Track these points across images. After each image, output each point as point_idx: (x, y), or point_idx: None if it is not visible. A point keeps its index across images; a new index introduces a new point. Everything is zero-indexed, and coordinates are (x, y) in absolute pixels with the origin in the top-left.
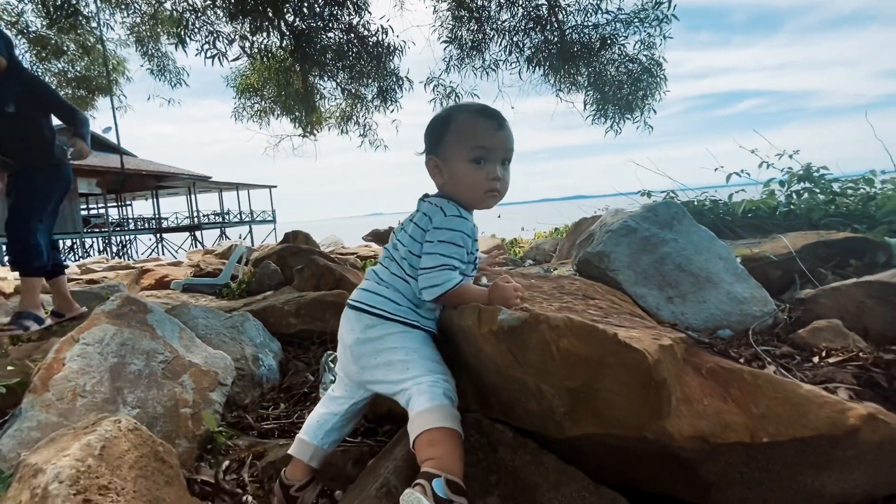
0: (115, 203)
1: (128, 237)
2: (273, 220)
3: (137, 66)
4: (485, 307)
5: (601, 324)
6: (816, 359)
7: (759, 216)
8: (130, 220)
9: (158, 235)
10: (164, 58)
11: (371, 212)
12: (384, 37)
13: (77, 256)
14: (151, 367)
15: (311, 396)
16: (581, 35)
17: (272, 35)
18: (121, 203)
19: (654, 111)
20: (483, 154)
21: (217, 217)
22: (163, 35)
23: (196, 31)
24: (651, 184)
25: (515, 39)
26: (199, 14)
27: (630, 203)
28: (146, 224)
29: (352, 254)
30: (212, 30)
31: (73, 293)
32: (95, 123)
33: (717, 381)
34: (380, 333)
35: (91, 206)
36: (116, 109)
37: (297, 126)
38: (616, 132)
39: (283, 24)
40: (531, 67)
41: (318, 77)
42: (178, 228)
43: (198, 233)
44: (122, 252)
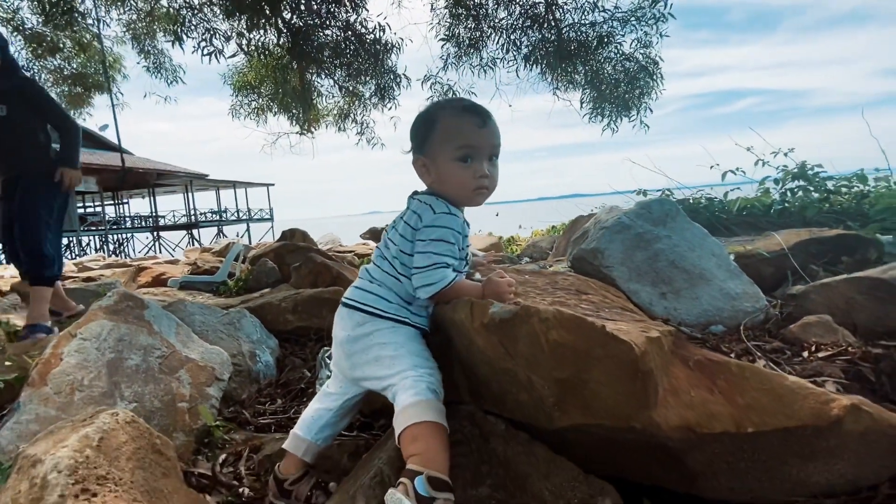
0: (112, 201)
1: (125, 235)
2: (270, 219)
3: (134, 64)
4: (477, 301)
5: (591, 317)
6: (806, 353)
7: (754, 214)
8: (127, 218)
9: (155, 233)
10: (161, 55)
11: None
12: (382, 34)
13: (74, 254)
14: (148, 363)
15: (308, 392)
16: (578, 33)
17: (269, 32)
18: (118, 201)
19: (651, 110)
20: (469, 152)
21: (214, 215)
22: (159, 32)
23: (193, 29)
24: (648, 182)
25: (513, 37)
26: (196, 11)
27: (627, 202)
28: (143, 222)
29: (349, 251)
30: (208, 27)
31: (70, 291)
32: (92, 121)
33: (705, 373)
34: (369, 330)
35: (88, 205)
36: (111, 107)
37: (295, 123)
38: (613, 131)
39: (281, 21)
40: (528, 65)
41: (316, 74)
42: (176, 226)
43: (195, 231)
44: (119, 250)
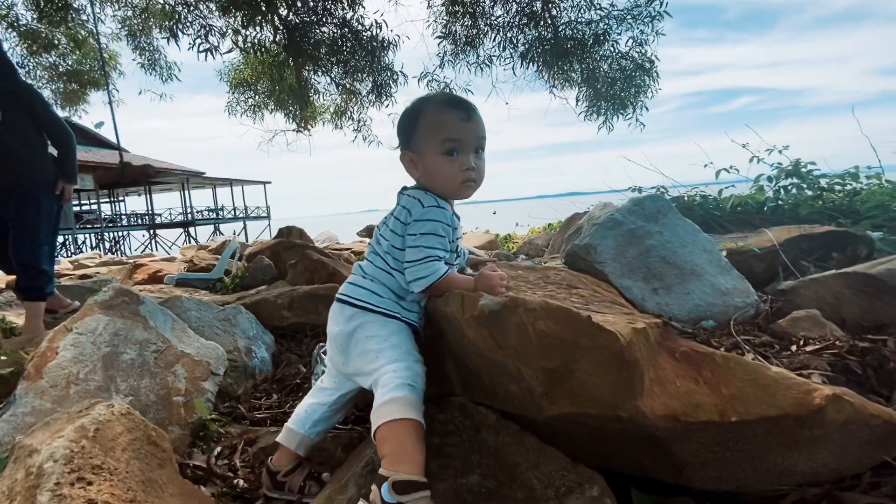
0: (108, 199)
1: (121, 233)
2: (267, 217)
3: (129, 61)
4: (468, 294)
5: (579, 309)
6: (794, 347)
7: (748, 211)
8: (123, 217)
9: (152, 231)
10: (156, 52)
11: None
12: (378, 31)
13: (69, 253)
14: (144, 357)
15: (304, 387)
16: (574, 31)
17: (265, 29)
18: (113, 199)
19: (647, 108)
20: (455, 146)
21: (211, 213)
22: (155, 29)
23: (188, 25)
24: (644, 180)
25: (509, 35)
26: (192, 7)
27: (623, 200)
28: (139, 220)
29: (346, 249)
30: (204, 23)
31: (66, 288)
32: (87, 118)
33: (690, 364)
34: (359, 323)
35: (83, 202)
36: (108, 104)
37: (291, 121)
38: (608, 129)
39: (277, 19)
40: (525, 63)
41: (312, 72)
42: (172, 224)
43: (191, 229)
44: (115, 248)
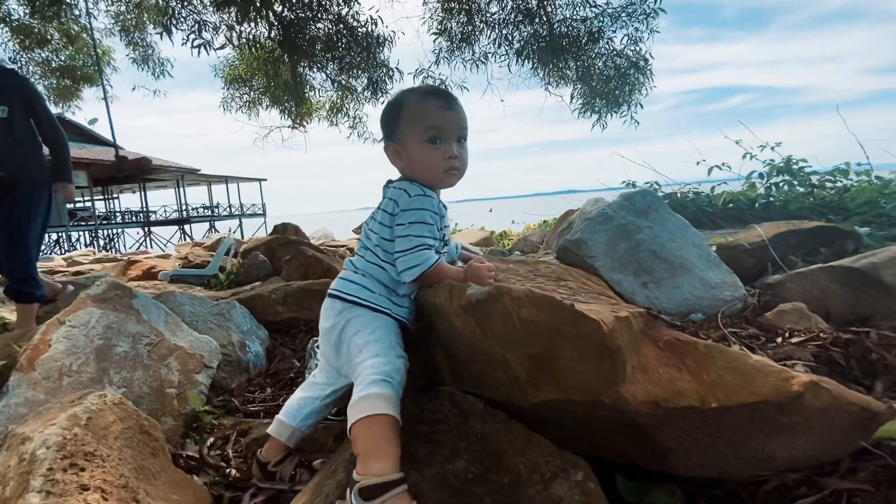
0: (102, 196)
1: (115, 230)
2: (263, 214)
3: (123, 56)
4: (456, 284)
5: (565, 299)
6: (780, 339)
7: (739, 207)
8: (118, 214)
9: (146, 229)
10: (149, 47)
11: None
12: (374, 28)
13: (63, 250)
14: (137, 350)
15: (298, 381)
16: (570, 28)
17: (260, 25)
18: (108, 196)
19: (641, 105)
20: (437, 133)
21: (206, 210)
22: (149, 24)
23: (182, 20)
24: (639, 178)
25: (505, 32)
26: (186, 2)
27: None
28: (134, 217)
29: (342, 246)
30: (198, 19)
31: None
32: (80, 115)
33: (673, 353)
34: (347, 317)
35: (77, 199)
36: (102, 100)
37: (287, 117)
38: (602, 126)
39: (272, 14)
40: (520, 60)
41: (308, 68)
42: (167, 222)
43: (187, 226)
44: (110, 246)
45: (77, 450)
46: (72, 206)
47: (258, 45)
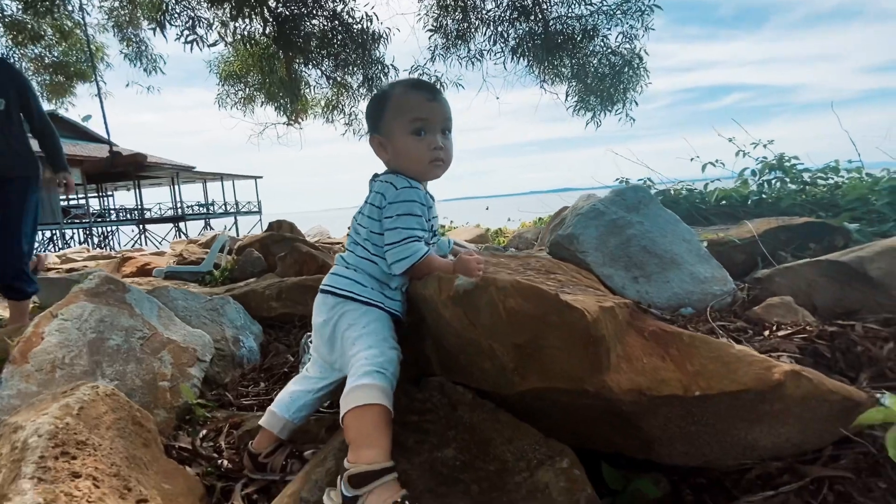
0: (97, 194)
1: (110, 228)
2: (259, 212)
3: (116, 52)
4: (445, 276)
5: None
6: (767, 332)
7: (732, 204)
8: (112, 211)
9: (141, 226)
10: (141, 43)
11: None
12: (369, 24)
13: (57, 248)
14: (130, 343)
15: (291, 376)
16: (565, 26)
17: (255, 21)
18: (102, 194)
19: (636, 103)
20: (422, 125)
21: (201, 208)
22: (142, 20)
23: (176, 16)
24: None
25: (500, 29)
26: None
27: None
28: (128, 215)
29: (337, 243)
30: (192, 14)
31: (52, 280)
32: (74, 111)
33: (658, 343)
34: (340, 312)
35: (71, 197)
36: (96, 96)
37: (282, 114)
38: (597, 124)
39: (266, 10)
40: (515, 58)
41: (303, 64)
42: (162, 219)
43: (182, 224)
44: (104, 243)
45: (69, 438)
46: (65, 204)
47: (253, 42)
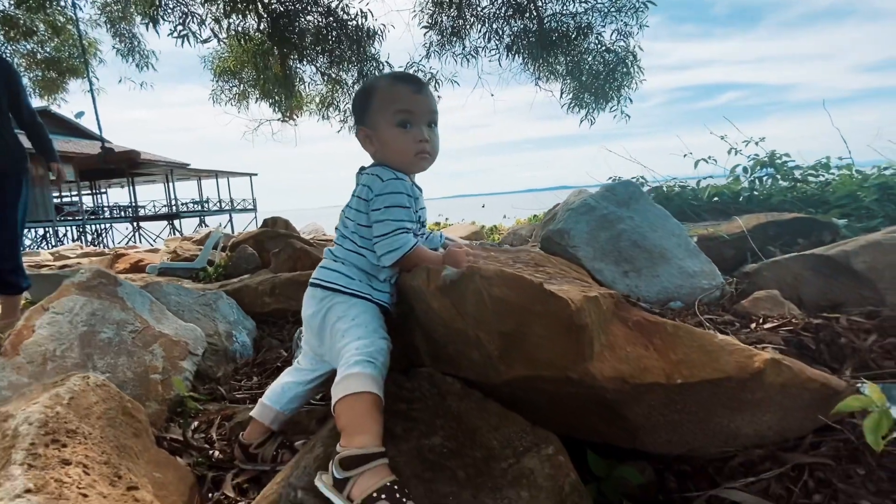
0: (90, 191)
1: (103, 225)
2: (254, 209)
3: (109, 48)
4: (433, 267)
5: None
6: (754, 325)
7: (724, 200)
8: (106, 209)
9: (135, 224)
10: (133, 39)
11: None
12: (364, 21)
13: (49, 245)
14: (122, 336)
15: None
16: (559, 23)
17: (249, 17)
18: (95, 191)
19: (631, 100)
20: (407, 117)
21: (196, 205)
22: (136, 15)
23: (170, 12)
24: (629, 173)
25: (495, 26)
26: None
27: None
28: (122, 212)
29: (332, 239)
30: (186, 10)
31: (44, 276)
32: (67, 107)
33: (642, 332)
34: (330, 305)
35: (64, 194)
36: (88, 92)
37: (277, 110)
38: (591, 122)
39: (260, 6)
40: (510, 55)
41: (297, 61)
42: (156, 217)
43: (176, 221)
44: (98, 241)
45: (59, 427)
46: (58, 201)
47: (247, 38)
